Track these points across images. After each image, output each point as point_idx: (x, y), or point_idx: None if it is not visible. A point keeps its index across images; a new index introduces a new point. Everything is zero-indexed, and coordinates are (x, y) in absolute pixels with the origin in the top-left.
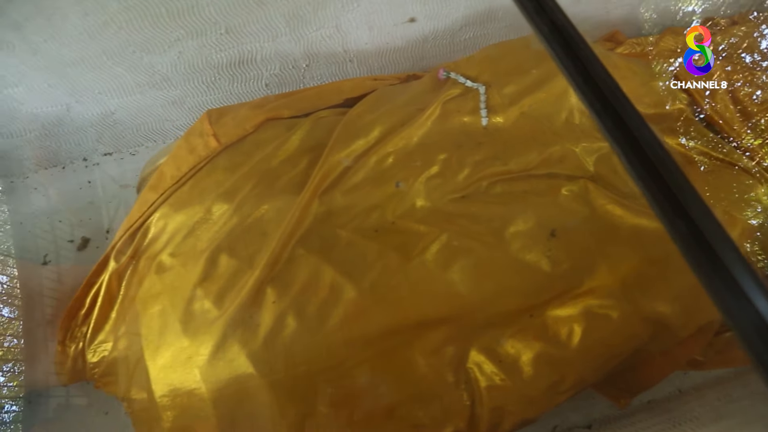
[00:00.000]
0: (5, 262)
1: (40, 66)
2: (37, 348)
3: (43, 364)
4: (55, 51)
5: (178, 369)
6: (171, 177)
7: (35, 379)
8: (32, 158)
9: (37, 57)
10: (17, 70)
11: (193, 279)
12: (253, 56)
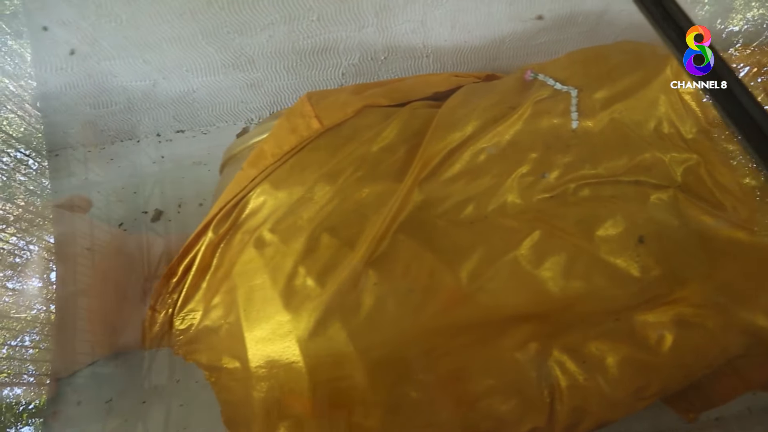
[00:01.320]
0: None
1: (140, 41)
2: (131, 312)
3: (134, 328)
4: (157, 27)
5: (276, 342)
6: (272, 155)
7: (126, 342)
8: (111, 130)
9: (139, 32)
10: (119, 44)
11: (294, 256)
12: (337, 45)
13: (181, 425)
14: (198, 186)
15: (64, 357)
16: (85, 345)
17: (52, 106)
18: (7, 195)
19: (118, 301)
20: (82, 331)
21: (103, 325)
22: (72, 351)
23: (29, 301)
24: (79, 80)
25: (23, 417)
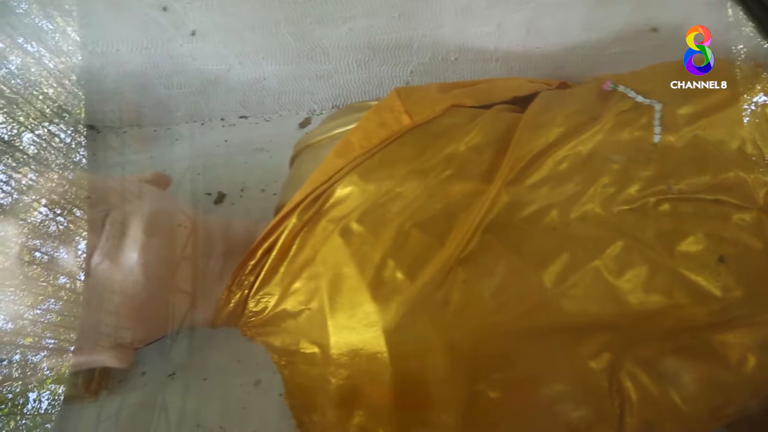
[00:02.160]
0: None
1: (224, 26)
2: (209, 290)
3: (209, 305)
4: (244, 14)
5: (361, 331)
6: (360, 147)
7: (198, 318)
8: (179, 111)
9: (226, 17)
10: (204, 27)
11: (383, 248)
12: (412, 43)
13: (241, 404)
14: (260, 172)
15: (148, 328)
16: (165, 318)
17: (130, 83)
18: (41, 166)
19: (198, 278)
20: (165, 304)
21: (184, 301)
22: (155, 322)
23: (60, 269)
24: (161, 61)
25: (47, 382)
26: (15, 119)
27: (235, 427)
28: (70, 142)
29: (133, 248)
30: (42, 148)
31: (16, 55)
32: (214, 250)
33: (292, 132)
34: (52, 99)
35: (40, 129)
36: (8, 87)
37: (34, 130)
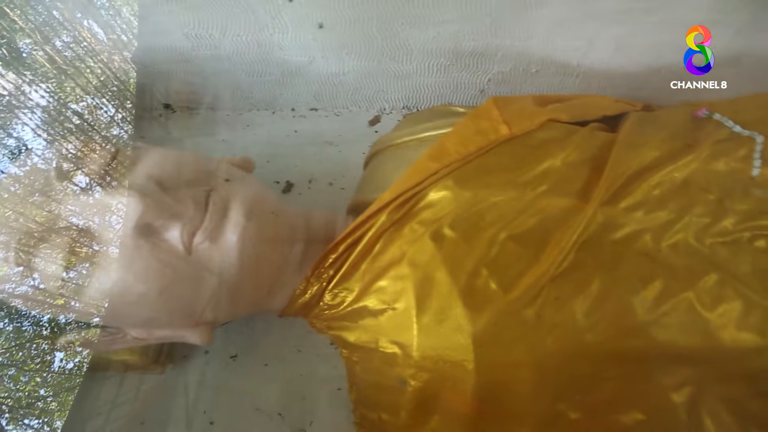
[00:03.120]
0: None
1: (319, 19)
2: (287, 278)
3: (284, 294)
4: (340, 9)
5: (449, 337)
6: (456, 152)
7: (271, 306)
8: (253, 98)
9: (322, 10)
10: (296, 20)
11: (476, 256)
12: (496, 52)
13: (300, 394)
14: (328, 165)
15: (232, 310)
16: (248, 302)
17: (214, 67)
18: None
19: (281, 266)
20: (251, 289)
21: (265, 286)
22: (239, 305)
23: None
24: (248, 48)
25: (75, 344)
26: (62, 90)
27: (293, 416)
28: (113, 116)
29: (233, 231)
30: (85, 120)
31: (70, 29)
32: (295, 240)
33: (362, 128)
34: (98, 73)
35: (84, 101)
36: (60, 58)
37: (80, 101)
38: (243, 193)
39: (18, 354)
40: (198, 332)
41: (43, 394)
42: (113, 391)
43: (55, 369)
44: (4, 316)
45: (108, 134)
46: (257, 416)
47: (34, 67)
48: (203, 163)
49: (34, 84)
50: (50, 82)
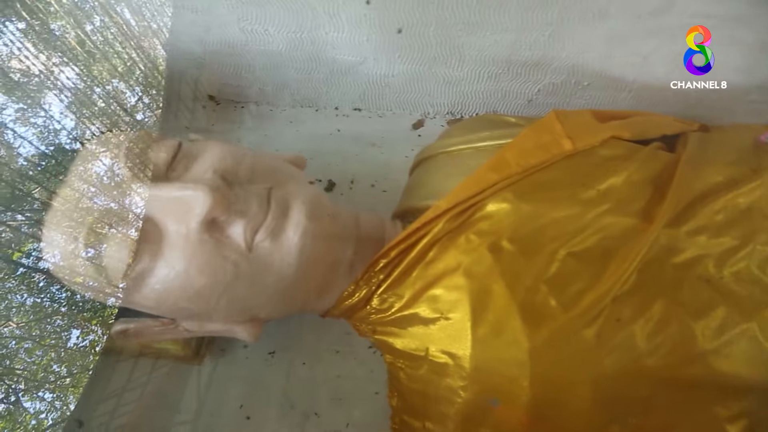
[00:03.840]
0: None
1: (376, 21)
2: (337, 281)
3: (331, 295)
4: (399, 12)
5: (505, 350)
6: (516, 165)
7: (317, 306)
8: (297, 95)
9: (380, 12)
10: (356, 19)
11: (535, 271)
12: (551, 63)
13: (336, 396)
14: (370, 166)
15: (283, 308)
16: (298, 302)
17: (264, 62)
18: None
19: (333, 268)
20: (305, 289)
21: (316, 287)
22: (290, 304)
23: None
24: (301, 45)
25: (92, 322)
26: (90, 73)
27: (329, 417)
28: (136, 103)
29: (295, 231)
30: (108, 104)
31: (101, 13)
32: (347, 242)
33: (405, 132)
34: (125, 59)
35: (110, 85)
36: (90, 42)
37: (105, 85)
38: (304, 193)
39: (35, 328)
40: (248, 328)
41: (57, 370)
42: (125, 376)
43: (70, 346)
44: (25, 290)
45: (132, 119)
46: (294, 414)
47: (64, 49)
48: (263, 159)
49: (63, 65)
50: (79, 65)
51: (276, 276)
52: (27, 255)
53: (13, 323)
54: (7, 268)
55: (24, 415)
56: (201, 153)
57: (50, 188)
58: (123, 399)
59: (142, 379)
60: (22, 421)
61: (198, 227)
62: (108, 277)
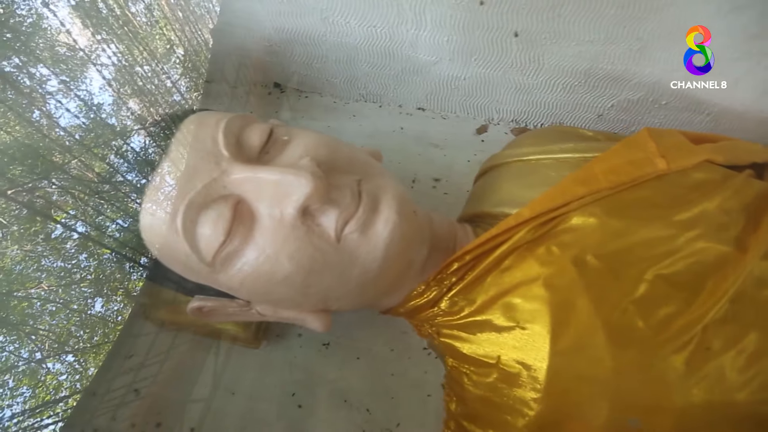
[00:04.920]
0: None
1: (459, 22)
2: (408, 279)
3: (399, 293)
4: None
5: (586, 368)
6: (606, 180)
7: (383, 303)
8: (365, 89)
9: (467, 14)
10: (438, 19)
11: (623, 290)
12: (631, 78)
13: (389, 394)
14: (431, 167)
15: (358, 301)
16: (368, 296)
17: (339, 54)
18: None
19: (408, 266)
20: (382, 285)
21: (389, 284)
22: (365, 298)
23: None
24: (379, 41)
25: (117, 293)
26: (131, 53)
27: (380, 414)
28: (172, 86)
29: (384, 226)
30: (146, 83)
31: None
32: (423, 241)
33: (468, 135)
34: (165, 41)
35: (148, 66)
36: (136, 22)
37: (144, 65)
38: (393, 188)
39: (63, 293)
40: (320, 318)
41: (80, 335)
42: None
43: (94, 313)
44: (56, 256)
45: (170, 99)
46: (345, 407)
47: (110, 27)
48: (352, 150)
49: (106, 43)
50: (122, 44)
51: (360, 269)
52: (58, 222)
53: (44, 286)
54: (43, 233)
55: (46, 375)
56: (292, 138)
57: (86, 160)
58: (139, 374)
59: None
60: (43, 380)
61: (294, 213)
62: (199, 254)
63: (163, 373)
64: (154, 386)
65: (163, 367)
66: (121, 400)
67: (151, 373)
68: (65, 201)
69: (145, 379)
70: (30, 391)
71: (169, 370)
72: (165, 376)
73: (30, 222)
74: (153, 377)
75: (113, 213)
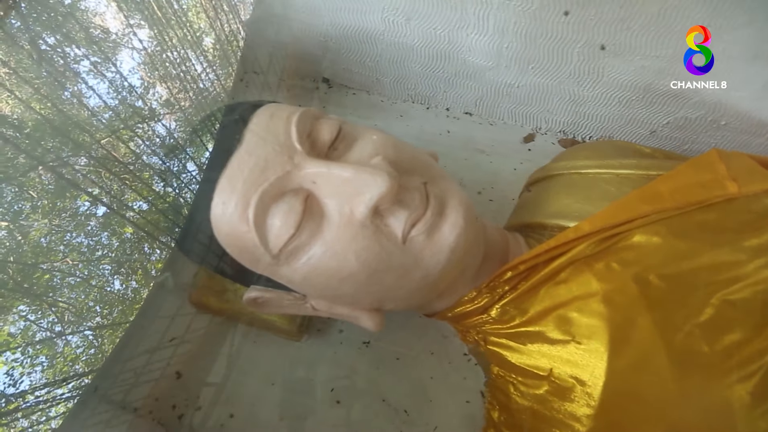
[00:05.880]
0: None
1: (523, 30)
2: (460, 285)
3: (449, 299)
4: (556, 25)
5: (644, 388)
6: (672, 200)
7: (432, 307)
8: (410, 89)
9: (535, 23)
10: (501, 26)
11: (687, 313)
12: (692, 96)
13: (427, 397)
14: (477, 173)
15: (413, 303)
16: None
17: (393, 55)
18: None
19: (463, 271)
20: (438, 289)
21: (443, 288)
22: (419, 301)
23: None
24: (437, 43)
25: (137, 273)
26: (162, 37)
27: (418, 416)
28: (199, 74)
29: (451, 231)
30: (174, 68)
31: None
32: (479, 248)
33: (515, 143)
34: (195, 29)
35: (177, 51)
36: (170, 8)
37: (173, 51)
38: (458, 193)
39: (84, 269)
40: (373, 318)
41: (98, 310)
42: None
43: (113, 290)
44: (81, 232)
45: (197, 86)
46: (383, 407)
47: (143, 12)
48: (415, 150)
49: (139, 27)
50: (154, 29)
51: (423, 272)
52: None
53: (69, 260)
54: (70, 209)
55: (64, 346)
56: (359, 136)
57: (114, 141)
58: (154, 357)
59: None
60: (61, 351)
61: (366, 212)
62: (267, 246)
63: (201, 356)
64: (192, 368)
65: (199, 351)
66: (154, 377)
67: (185, 353)
68: (92, 179)
69: (183, 360)
70: (48, 361)
71: (205, 355)
72: (203, 359)
73: (58, 197)
74: (190, 358)
75: (135, 194)
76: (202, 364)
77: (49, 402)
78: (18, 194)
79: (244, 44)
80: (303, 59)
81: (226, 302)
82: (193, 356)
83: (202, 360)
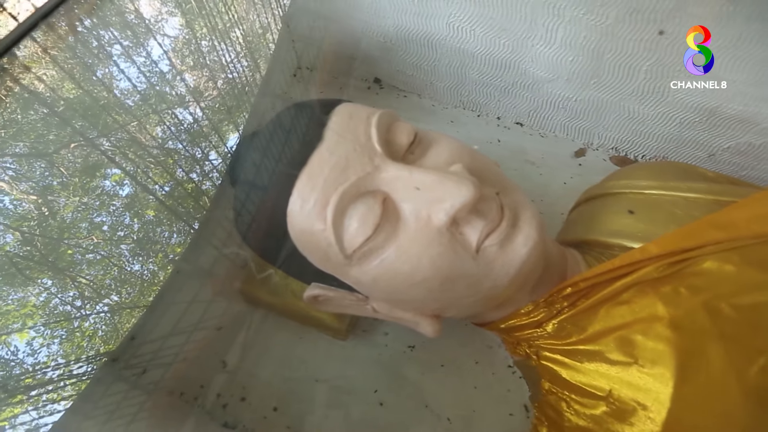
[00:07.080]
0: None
1: (592, 45)
2: (518, 297)
3: (504, 310)
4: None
5: (711, 419)
6: (747, 228)
7: (486, 317)
8: (463, 95)
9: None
10: (569, 39)
11: (761, 345)
12: (761, 122)
13: (470, 406)
14: (528, 185)
15: (470, 311)
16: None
17: (452, 60)
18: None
19: (522, 283)
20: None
21: (502, 299)
22: (479, 310)
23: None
24: (500, 51)
25: (158, 256)
26: (191, 27)
27: (460, 425)
28: (229, 62)
29: (524, 243)
30: (203, 57)
31: None
32: (541, 261)
33: (566, 157)
34: (225, 20)
35: (206, 40)
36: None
37: (202, 40)
38: (530, 205)
39: (105, 247)
40: (433, 324)
41: (117, 289)
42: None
43: (132, 271)
44: (104, 212)
45: (226, 76)
46: (425, 413)
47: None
48: (486, 160)
49: (170, 15)
50: (185, 17)
51: (492, 283)
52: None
53: (95, 238)
54: (99, 188)
55: (81, 322)
56: (434, 142)
57: (144, 124)
58: (166, 342)
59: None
60: (79, 326)
61: (445, 219)
62: (341, 245)
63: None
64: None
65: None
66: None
67: (226, 340)
68: (120, 161)
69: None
70: (66, 335)
71: (250, 346)
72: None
73: (88, 175)
74: (233, 347)
75: (163, 178)
76: (247, 354)
77: (64, 377)
78: (47, 170)
79: (296, 41)
80: (358, 58)
81: (275, 295)
82: (240, 346)
83: (249, 350)
